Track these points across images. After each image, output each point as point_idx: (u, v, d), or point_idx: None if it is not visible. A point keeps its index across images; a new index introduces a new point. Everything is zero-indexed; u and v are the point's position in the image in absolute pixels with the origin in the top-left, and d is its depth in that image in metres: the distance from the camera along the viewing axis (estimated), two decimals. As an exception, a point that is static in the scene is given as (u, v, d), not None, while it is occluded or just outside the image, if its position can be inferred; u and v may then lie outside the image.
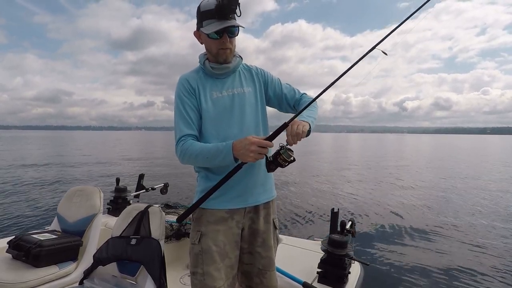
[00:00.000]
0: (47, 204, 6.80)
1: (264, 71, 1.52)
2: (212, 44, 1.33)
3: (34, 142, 34.07)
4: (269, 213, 1.44)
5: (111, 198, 3.07)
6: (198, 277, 1.29)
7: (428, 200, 8.07)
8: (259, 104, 1.47)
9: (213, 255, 1.29)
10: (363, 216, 6.38)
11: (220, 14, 1.25)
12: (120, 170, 12.61)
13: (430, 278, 3.70)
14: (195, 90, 1.37)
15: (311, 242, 2.50)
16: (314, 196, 8.37)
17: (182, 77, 1.41)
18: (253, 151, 1.15)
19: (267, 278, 1.40)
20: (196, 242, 1.32)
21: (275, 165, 1.21)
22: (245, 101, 1.41)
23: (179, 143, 1.31)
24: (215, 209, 1.33)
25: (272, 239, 1.44)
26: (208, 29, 1.28)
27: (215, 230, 1.32)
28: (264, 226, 1.41)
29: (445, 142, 60.66)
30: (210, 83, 1.40)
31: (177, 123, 1.35)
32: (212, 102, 1.37)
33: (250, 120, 1.41)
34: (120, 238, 1.78)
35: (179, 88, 1.38)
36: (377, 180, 11.41)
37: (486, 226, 5.92)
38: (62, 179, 10.22)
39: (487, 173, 14.05)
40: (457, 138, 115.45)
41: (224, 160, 1.23)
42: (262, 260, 1.40)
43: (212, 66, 1.38)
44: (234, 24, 1.28)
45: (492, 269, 3.99)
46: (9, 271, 1.78)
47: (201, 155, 1.26)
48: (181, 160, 1.32)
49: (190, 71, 1.46)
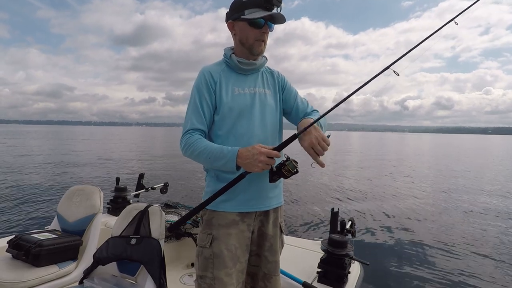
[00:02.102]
0: (47, 204, 6.80)
1: (284, 78, 1.50)
2: (250, 33, 1.30)
3: (34, 137, 33.99)
4: (278, 217, 1.43)
5: (111, 198, 3.07)
6: (208, 281, 1.26)
7: (428, 200, 8.08)
8: (278, 108, 1.45)
9: (225, 259, 1.26)
10: (363, 216, 6.38)
11: (268, 2, 1.24)
12: (120, 169, 12.60)
13: (430, 278, 3.70)
14: (216, 84, 1.33)
15: (311, 242, 2.50)
16: (314, 196, 8.36)
17: (204, 69, 1.36)
18: (262, 161, 1.13)
19: (272, 283, 1.39)
20: (207, 245, 1.28)
21: (278, 176, 1.19)
22: (266, 102, 1.39)
23: (186, 135, 1.28)
24: (227, 212, 1.30)
25: (278, 243, 1.43)
26: (254, 15, 1.25)
27: (227, 234, 1.28)
28: (272, 231, 1.40)
29: (446, 142, 60.66)
30: (234, 78, 1.36)
31: (189, 114, 1.32)
32: (232, 97, 1.33)
33: (271, 123, 1.39)
34: (120, 238, 1.77)
35: (200, 79, 1.34)
36: (377, 180, 11.41)
37: (488, 226, 5.93)
38: (62, 178, 10.21)
39: (489, 173, 14.06)
40: (458, 138, 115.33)
41: (225, 165, 1.20)
42: (268, 265, 1.38)
43: (239, 61, 1.35)
44: (281, 14, 1.27)
45: (493, 269, 3.99)
46: (9, 271, 1.78)
47: (204, 153, 1.23)
48: (184, 153, 1.30)
49: (213, 63, 1.41)
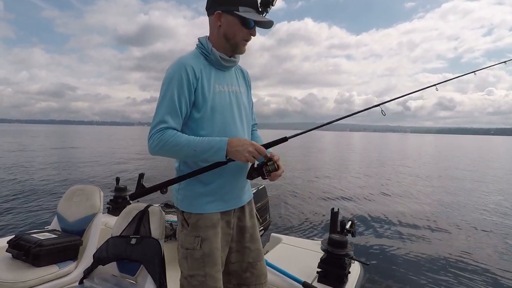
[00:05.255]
0: (47, 204, 6.80)
1: (250, 79, 1.51)
2: (239, 32, 1.26)
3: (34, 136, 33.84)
4: (252, 209, 1.50)
5: (111, 198, 3.07)
6: (199, 278, 1.28)
7: (429, 200, 8.07)
8: (250, 107, 1.48)
9: (216, 258, 1.30)
10: (363, 216, 6.38)
11: (264, 5, 1.23)
12: (120, 169, 12.60)
13: (431, 278, 3.70)
14: (198, 81, 1.24)
15: (311, 242, 2.50)
16: (314, 196, 8.35)
17: (186, 63, 1.23)
18: (250, 152, 1.18)
19: (257, 268, 1.43)
20: (198, 247, 1.29)
21: (258, 174, 1.26)
22: (241, 101, 1.39)
23: (159, 132, 1.17)
24: (212, 213, 1.32)
25: (258, 233, 1.49)
26: (249, 15, 1.22)
27: (215, 233, 1.31)
28: (250, 222, 1.46)
29: (448, 142, 60.61)
30: (213, 74, 1.30)
31: (163, 110, 1.20)
32: (214, 95, 1.28)
33: (247, 122, 1.41)
34: (120, 238, 1.77)
35: (180, 74, 1.21)
36: (377, 180, 11.40)
37: (488, 226, 5.92)
38: (62, 178, 10.20)
39: (491, 174, 14.05)
40: (461, 139, 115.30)
41: (213, 155, 1.18)
42: (251, 253, 1.43)
43: (221, 57, 1.29)
44: (272, 21, 1.26)
45: (493, 269, 3.99)
46: (9, 271, 1.78)
47: (188, 147, 1.17)
48: (156, 150, 1.19)
49: (191, 54, 1.30)
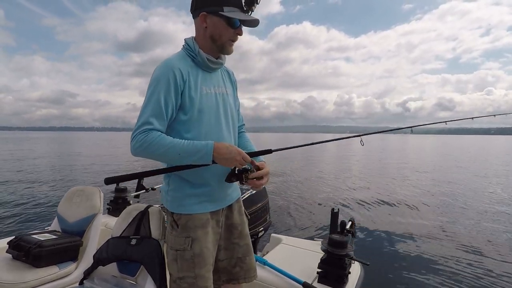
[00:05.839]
0: (47, 204, 6.80)
1: (236, 79, 1.50)
2: (225, 32, 1.23)
3: (35, 143, 33.79)
4: (241, 206, 1.52)
5: (111, 198, 3.07)
6: (188, 280, 1.28)
7: (429, 200, 8.06)
8: (237, 108, 1.47)
9: (206, 257, 1.30)
10: (363, 216, 6.38)
11: (248, 4, 1.20)
12: (120, 170, 12.60)
13: (431, 278, 3.70)
14: (185, 83, 1.22)
15: (311, 242, 2.50)
16: (314, 196, 8.36)
17: (173, 65, 1.21)
18: (238, 161, 1.20)
19: (246, 263, 1.45)
20: (188, 248, 1.29)
21: (237, 179, 1.29)
22: (228, 102, 1.38)
23: (143, 133, 1.14)
24: (202, 213, 1.32)
25: (247, 229, 1.51)
26: (234, 14, 1.19)
27: (204, 233, 1.32)
28: (239, 219, 1.48)
29: (448, 143, 60.56)
30: (200, 76, 1.28)
31: (148, 112, 1.17)
32: (201, 97, 1.26)
33: (233, 124, 1.40)
34: (120, 238, 1.77)
35: (168, 76, 1.18)
36: (377, 180, 11.40)
37: (489, 226, 5.92)
38: (62, 179, 10.20)
39: (491, 174, 14.04)
40: (461, 139, 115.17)
41: (199, 159, 1.17)
42: (240, 249, 1.45)
43: (208, 58, 1.28)
44: (258, 19, 1.24)
45: (494, 269, 3.99)
46: (9, 271, 1.78)
47: (172, 150, 1.15)
48: (139, 151, 1.16)
49: (177, 55, 1.28)
